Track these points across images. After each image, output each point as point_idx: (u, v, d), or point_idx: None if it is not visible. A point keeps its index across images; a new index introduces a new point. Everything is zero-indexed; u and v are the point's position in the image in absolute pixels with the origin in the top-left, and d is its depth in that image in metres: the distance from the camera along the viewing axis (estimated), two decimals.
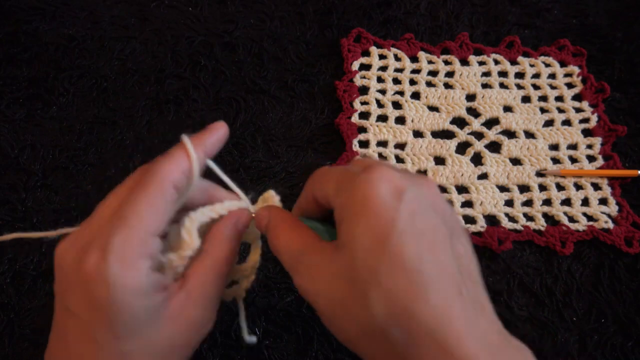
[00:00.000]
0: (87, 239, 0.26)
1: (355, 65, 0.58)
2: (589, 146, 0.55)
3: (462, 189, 0.51)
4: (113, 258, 0.24)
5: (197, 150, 0.29)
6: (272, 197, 0.34)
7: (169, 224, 0.28)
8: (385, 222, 0.24)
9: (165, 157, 0.28)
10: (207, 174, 0.32)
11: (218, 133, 0.31)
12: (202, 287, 0.29)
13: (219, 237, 0.31)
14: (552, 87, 0.59)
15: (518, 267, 0.47)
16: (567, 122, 0.56)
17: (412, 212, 0.25)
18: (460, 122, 0.56)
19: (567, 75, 0.60)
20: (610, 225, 0.49)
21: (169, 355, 0.27)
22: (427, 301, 0.23)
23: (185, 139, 0.29)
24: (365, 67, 0.59)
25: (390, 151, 0.53)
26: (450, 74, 0.59)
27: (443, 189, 0.51)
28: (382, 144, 0.54)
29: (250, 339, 0.36)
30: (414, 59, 0.60)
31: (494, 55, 0.60)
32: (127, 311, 0.25)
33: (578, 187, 0.52)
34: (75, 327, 0.26)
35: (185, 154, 0.28)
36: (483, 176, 0.52)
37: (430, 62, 0.60)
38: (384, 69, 0.59)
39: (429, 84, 0.58)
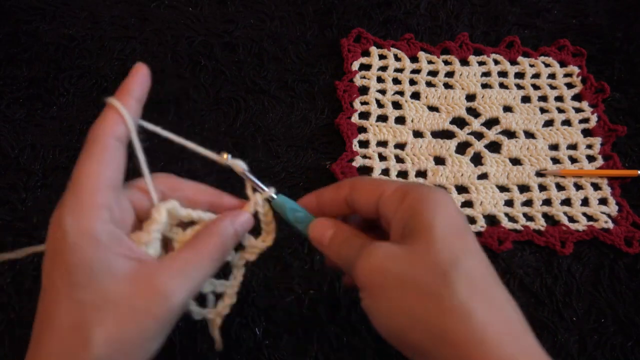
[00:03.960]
0: None
1: (355, 65, 0.58)
2: (589, 146, 0.55)
3: (462, 189, 0.51)
4: (67, 209, 0.27)
5: (125, 98, 0.30)
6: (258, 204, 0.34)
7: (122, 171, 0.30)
8: (460, 221, 0.29)
9: (96, 120, 0.30)
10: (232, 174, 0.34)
11: (138, 75, 0.31)
12: (179, 266, 0.29)
13: (208, 230, 0.31)
14: (552, 87, 0.59)
15: (518, 267, 0.47)
16: (567, 122, 0.56)
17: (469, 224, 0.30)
18: (460, 122, 0.56)
19: (567, 75, 0.60)
20: (610, 225, 0.49)
21: (126, 318, 0.26)
22: (502, 289, 0.28)
23: (108, 98, 0.30)
24: (365, 67, 0.59)
25: (390, 151, 0.53)
26: (450, 74, 0.59)
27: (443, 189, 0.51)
28: (382, 144, 0.54)
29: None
30: (414, 59, 0.60)
31: (493, 55, 0.60)
32: (80, 256, 0.26)
33: (578, 187, 0.52)
34: (44, 281, 0.27)
35: (112, 108, 0.29)
36: (483, 176, 0.52)
37: (430, 62, 0.60)
38: (384, 69, 0.59)
39: (429, 84, 0.58)
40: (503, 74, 0.60)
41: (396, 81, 0.58)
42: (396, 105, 0.56)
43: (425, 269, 0.27)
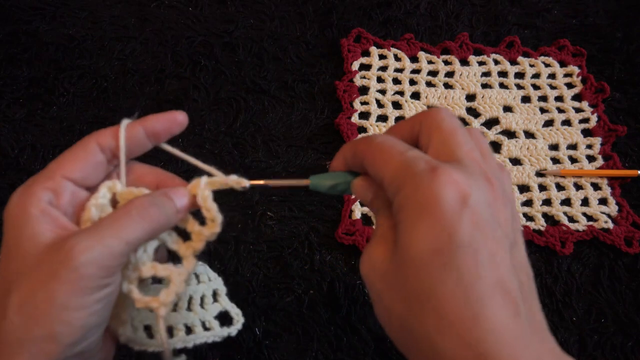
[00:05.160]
0: None
1: (355, 65, 0.58)
2: (589, 146, 0.55)
3: None
4: (20, 188, 0.29)
5: (135, 124, 0.32)
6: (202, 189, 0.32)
7: (94, 176, 0.31)
8: (446, 232, 0.24)
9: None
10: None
11: (167, 116, 0.32)
12: (92, 228, 0.28)
13: (134, 198, 0.30)
14: (552, 87, 0.59)
15: None
16: (567, 122, 0.56)
17: (474, 223, 0.24)
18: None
19: (567, 75, 0.60)
20: (610, 225, 0.49)
21: (36, 281, 0.26)
22: (482, 323, 0.23)
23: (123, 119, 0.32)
24: (365, 67, 0.59)
25: None
26: (450, 74, 0.59)
27: None
28: None
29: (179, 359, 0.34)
30: (414, 59, 0.60)
31: (494, 55, 0.60)
32: (11, 227, 0.28)
33: (578, 187, 0.52)
34: None
35: (118, 126, 0.31)
36: None
37: (430, 62, 0.60)
38: (384, 69, 0.59)
39: (429, 84, 0.58)
40: (503, 74, 0.60)
41: (396, 81, 0.58)
42: (396, 105, 0.56)
43: (399, 296, 0.25)
